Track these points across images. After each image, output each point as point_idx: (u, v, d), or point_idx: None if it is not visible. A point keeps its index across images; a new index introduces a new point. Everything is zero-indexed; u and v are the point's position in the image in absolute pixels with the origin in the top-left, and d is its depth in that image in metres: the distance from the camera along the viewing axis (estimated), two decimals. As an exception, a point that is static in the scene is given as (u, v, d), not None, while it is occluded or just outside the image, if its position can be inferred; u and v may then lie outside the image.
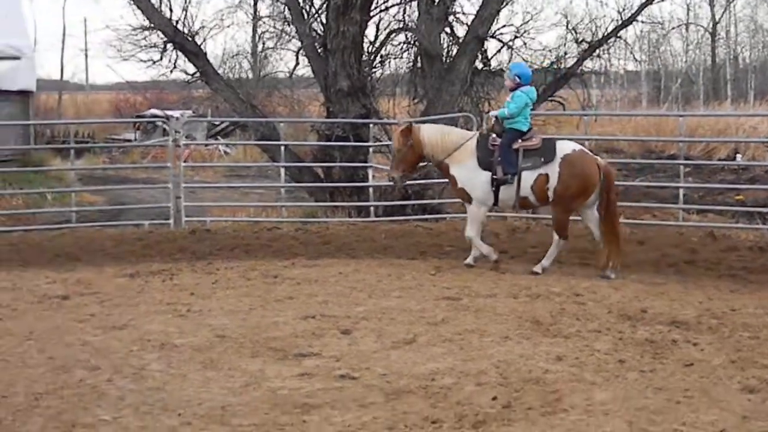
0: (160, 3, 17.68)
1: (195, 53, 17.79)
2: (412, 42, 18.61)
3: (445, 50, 18.35)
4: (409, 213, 15.65)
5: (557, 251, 11.80)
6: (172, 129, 15.57)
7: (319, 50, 17.39)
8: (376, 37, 18.46)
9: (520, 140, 11.63)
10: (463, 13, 18.64)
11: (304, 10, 17.97)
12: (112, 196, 21.35)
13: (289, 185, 17.16)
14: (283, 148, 16.54)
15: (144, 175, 24.66)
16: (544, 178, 11.54)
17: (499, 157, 11.57)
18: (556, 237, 11.78)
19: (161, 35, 17.77)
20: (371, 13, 17.08)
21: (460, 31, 18.45)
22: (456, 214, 15.26)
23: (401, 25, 18.66)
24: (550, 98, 18.73)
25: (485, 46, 18.27)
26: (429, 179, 15.69)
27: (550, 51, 19.16)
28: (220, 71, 20.73)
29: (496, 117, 11.94)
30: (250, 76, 31.24)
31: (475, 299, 9.90)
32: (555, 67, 18.78)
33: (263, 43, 24.46)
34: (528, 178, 11.56)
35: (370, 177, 16.14)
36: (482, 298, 9.94)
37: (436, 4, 17.97)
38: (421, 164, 12.43)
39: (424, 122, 13.01)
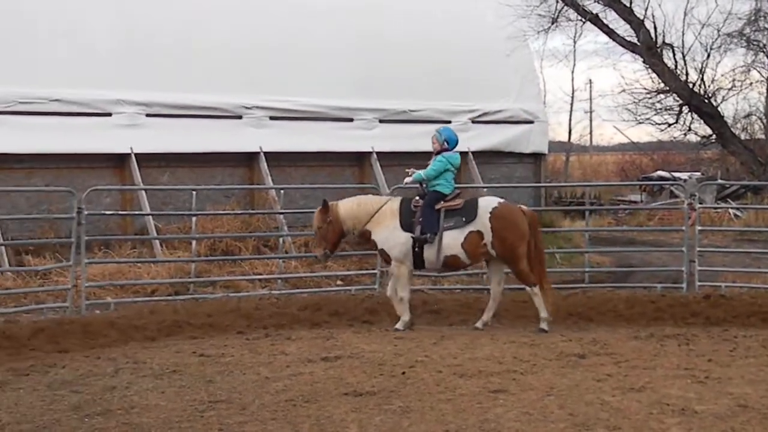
0: (676, 66, 17.68)
1: (711, 115, 17.56)
2: None
3: None
4: None
5: (540, 300, 12.15)
6: (687, 191, 15.39)
7: None
8: None
9: (442, 201, 12.17)
10: None
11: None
12: (619, 257, 21.45)
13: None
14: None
15: (650, 238, 24.57)
16: (476, 236, 12.02)
17: (420, 217, 12.07)
18: (528, 289, 12.21)
19: (677, 98, 17.74)
20: None
21: None
22: None
23: None
24: None
25: None
26: None
27: None
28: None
29: (415, 179, 12.43)
30: (763, 136, 30.04)
31: None
32: None
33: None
34: (456, 236, 12.04)
35: None
36: None
37: None
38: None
39: None
